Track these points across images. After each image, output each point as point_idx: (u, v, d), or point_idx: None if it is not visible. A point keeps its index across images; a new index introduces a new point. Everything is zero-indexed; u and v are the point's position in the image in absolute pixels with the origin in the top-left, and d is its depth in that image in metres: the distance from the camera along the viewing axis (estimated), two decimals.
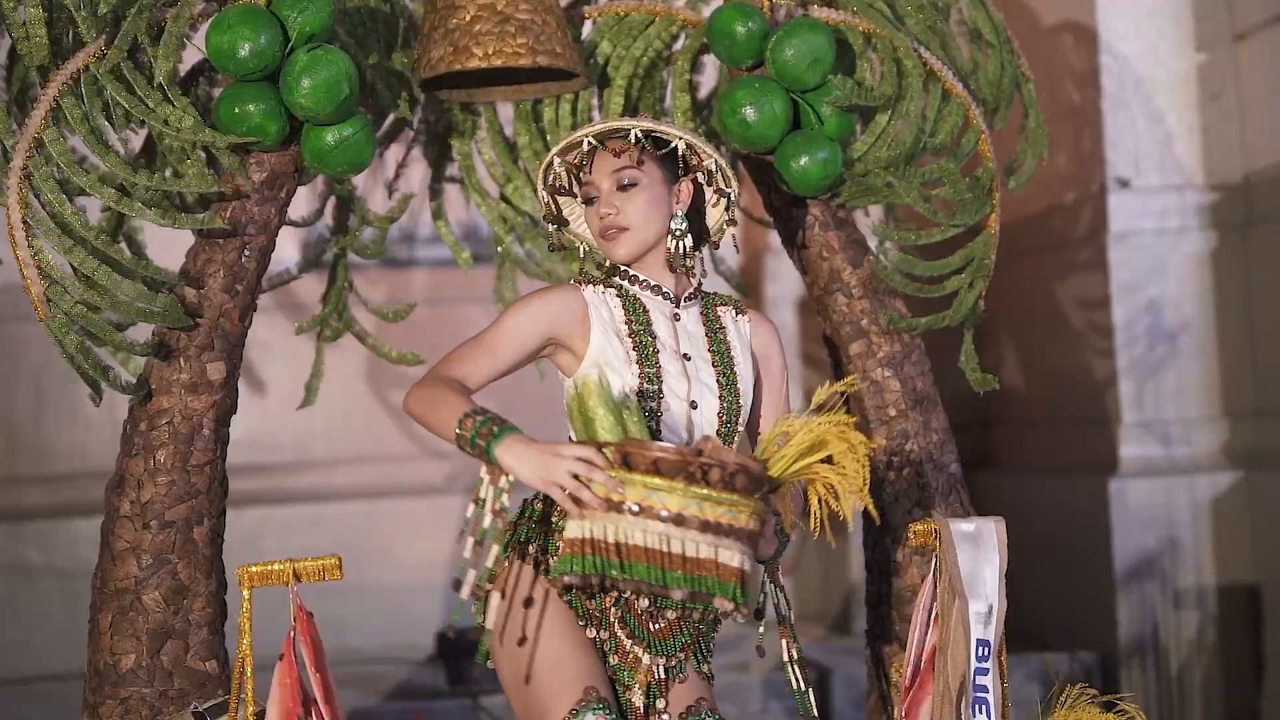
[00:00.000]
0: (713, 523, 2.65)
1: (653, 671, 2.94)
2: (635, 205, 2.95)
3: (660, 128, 2.96)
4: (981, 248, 3.63)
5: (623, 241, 2.96)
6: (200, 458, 3.29)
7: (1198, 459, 5.15)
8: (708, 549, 2.65)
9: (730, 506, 2.66)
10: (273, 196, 3.34)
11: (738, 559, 2.66)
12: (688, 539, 2.64)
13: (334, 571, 2.92)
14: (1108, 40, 5.23)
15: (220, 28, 3.19)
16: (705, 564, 2.64)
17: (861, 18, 3.61)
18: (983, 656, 2.95)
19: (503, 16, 3.52)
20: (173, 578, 3.25)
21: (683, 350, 2.97)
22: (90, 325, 3.12)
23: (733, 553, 2.65)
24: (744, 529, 2.67)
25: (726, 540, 2.65)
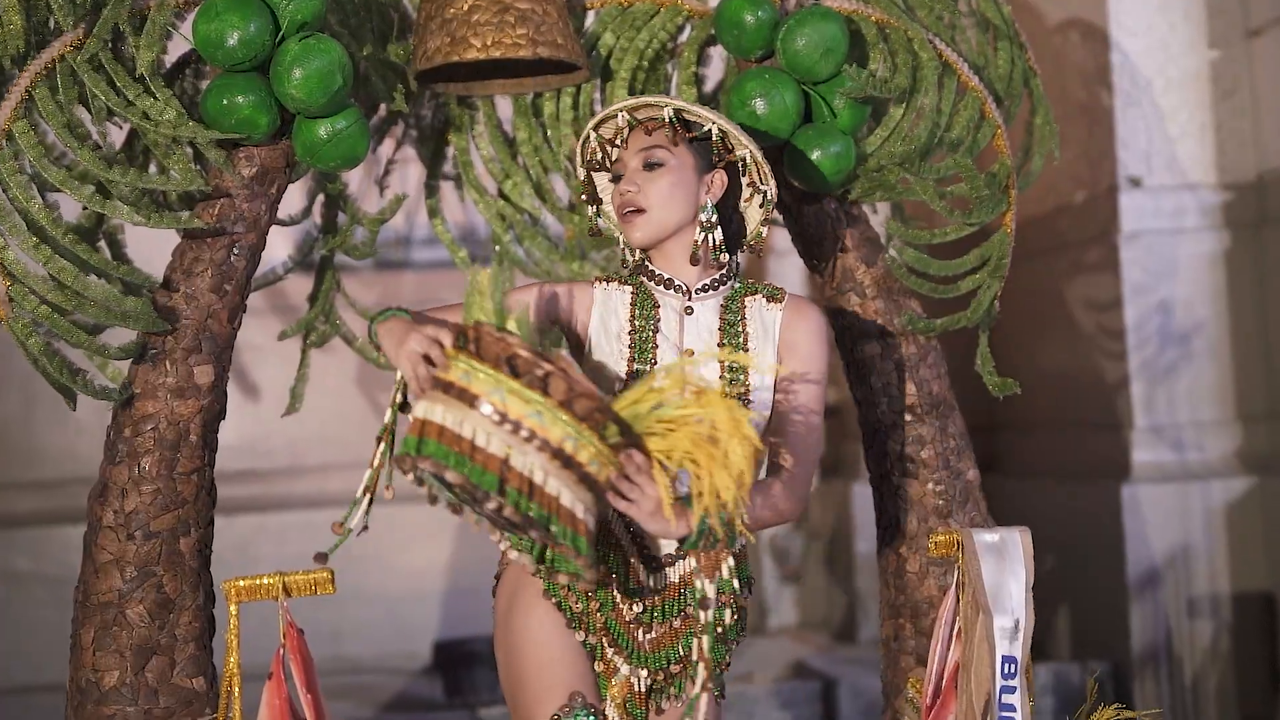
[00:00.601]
0: (554, 446, 2.42)
1: (631, 684, 2.79)
2: (658, 187, 2.80)
3: (694, 109, 2.80)
4: (998, 246, 3.46)
5: (639, 224, 2.81)
6: (187, 465, 3.12)
7: (1211, 464, 5.01)
8: (541, 474, 2.43)
9: (574, 434, 2.43)
10: (263, 192, 3.17)
11: (568, 497, 2.44)
12: (527, 456, 2.43)
13: (326, 586, 2.76)
14: (1118, 36, 5.09)
15: (208, 15, 3.03)
16: (539, 492, 2.42)
17: (874, 7, 3.44)
18: (1009, 674, 2.78)
19: (502, 6, 3.34)
20: (158, 591, 3.08)
21: (686, 346, 2.81)
22: (57, 328, 2.95)
23: (568, 491, 2.44)
24: (584, 468, 2.44)
25: (565, 474, 2.43)
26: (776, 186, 2.88)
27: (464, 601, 5.61)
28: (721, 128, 2.81)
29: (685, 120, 2.83)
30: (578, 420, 2.44)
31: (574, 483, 2.45)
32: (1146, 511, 4.90)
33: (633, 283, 2.89)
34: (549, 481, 2.43)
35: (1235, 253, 5.03)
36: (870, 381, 3.45)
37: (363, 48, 3.44)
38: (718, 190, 2.84)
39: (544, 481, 2.43)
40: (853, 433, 5.95)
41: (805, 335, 2.84)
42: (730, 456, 2.46)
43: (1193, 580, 4.91)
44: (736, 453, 2.46)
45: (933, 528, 3.36)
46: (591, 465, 2.46)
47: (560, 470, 2.44)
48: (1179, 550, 4.90)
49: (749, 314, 2.84)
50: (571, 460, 2.44)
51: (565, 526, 2.44)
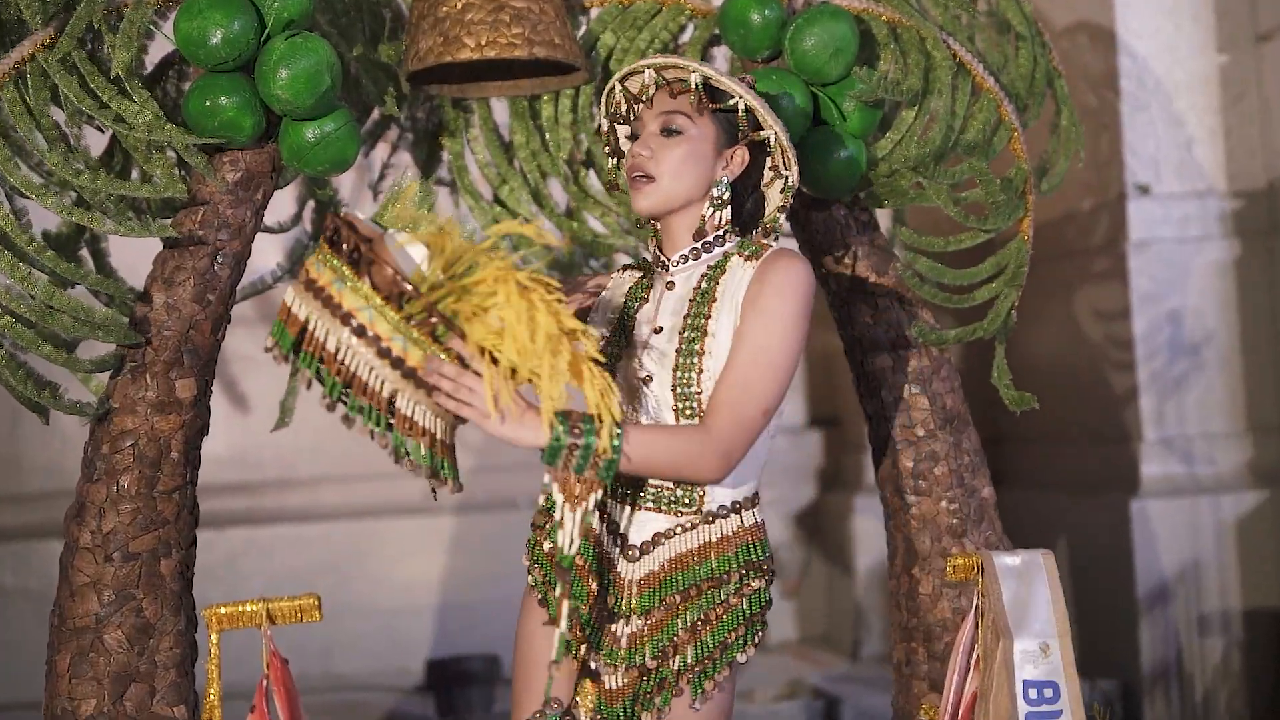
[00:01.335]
0: (385, 346, 2.32)
1: (604, 684, 2.62)
2: (671, 155, 2.63)
3: (723, 79, 2.63)
4: (1015, 254, 3.30)
5: (647, 192, 2.64)
6: (168, 483, 2.95)
7: (1222, 477, 4.85)
8: (377, 380, 2.34)
9: (398, 330, 2.32)
10: (248, 198, 3.00)
11: (409, 404, 2.34)
12: (362, 357, 2.34)
13: (312, 613, 2.59)
14: (1125, 40, 4.93)
15: (190, 13, 2.87)
16: (378, 399, 2.34)
17: (885, 6, 3.27)
18: (1034, 700, 2.61)
19: (497, 4, 3.18)
20: (137, 615, 2.91)
21: (658, 323, 2.64)
22: (22, 340, 2.78)
23: (401, 392, 2.33)
24: (412, 368, 2.33)
25: (394, 375, 2.33)
26: (798, 173, 2.70)
27: (458, 616, 5.45)
28: (749, 104, 2.63)
29: (712, 90, 2.66)
30: (400, 314, 2.33)
31: (413, 389, 2.35)
32: (1156, 526, 4.74)
33: (646, 265, 2.78)
34: (384, 387, 2.35)
35: (1246, 261, 4.88)
36: (881, 395, 3.28)
37: (353, 48, 3.28)
38: (736, 167, 2.68)
39: (380, 387, 2.34)
40: (854, 444, 5.81)
41: (767, 287, 2.55)
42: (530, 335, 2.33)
43: (1203, 596, 4.77)
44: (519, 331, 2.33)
45: (946, 548, 3.20)
46: (416, 356, 2.35)
47: (400, 379, 2.34)
48: (1189, 565, 4.75)
49: (726, 279, 2.63)
50: (402, 363, 2.33)
51: (416, 442, 2.36)
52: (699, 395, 2.56)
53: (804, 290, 2.56)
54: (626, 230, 3.56)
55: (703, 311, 2.60)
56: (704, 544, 2.61)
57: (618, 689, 2.61)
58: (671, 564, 2.60)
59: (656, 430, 2.51)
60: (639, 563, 2.63)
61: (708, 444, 2.49)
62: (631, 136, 2.70)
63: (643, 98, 2.66)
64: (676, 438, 2.50)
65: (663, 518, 2.62)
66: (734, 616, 2.60)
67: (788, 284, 2.55)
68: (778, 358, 2.52)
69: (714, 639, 2.59)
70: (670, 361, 2.59)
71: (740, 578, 2.60)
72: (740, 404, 2.51)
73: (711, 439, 2.50)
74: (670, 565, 2.61)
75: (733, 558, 2.60)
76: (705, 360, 2.57)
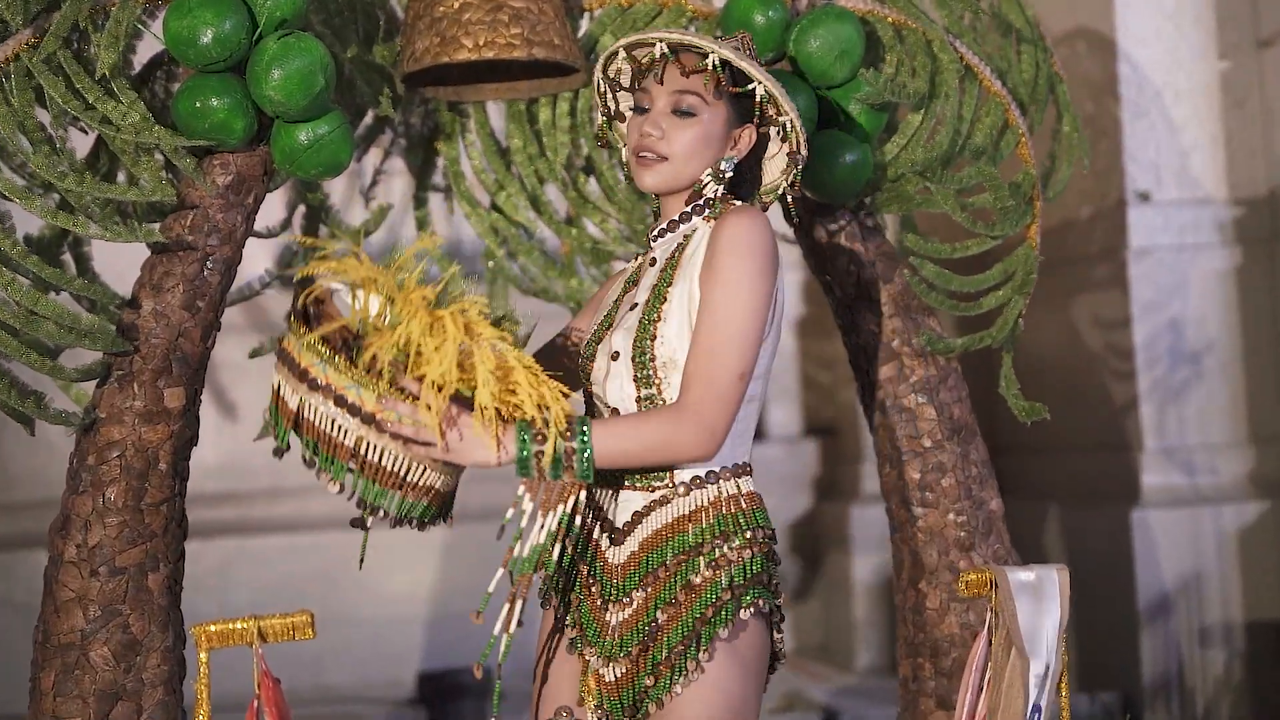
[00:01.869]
0: (339, 395, 2.30)
1: (601, 677, 2.49)
2: (684, 137, 2.52)
3: (744, 64, 2.52)
4: (1022, 261, 3.21)
5: (657, 170, 2.54)
6: (156, 495, 2.85)
7: (1223, 487, 4.77)
8: (340, 431, 2.31)
9: (352, 379, 2.29)
10: (238, 202, 2.90)
11: (343, 430, 2.30)
12: (322, 411, 2.32)
13: (305, 630, 2.49)
14: (1125, 46, 4.85)
15: (179, 12, 2.78)
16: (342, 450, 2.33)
17: (890, 7, 3.18)
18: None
19: (495, 4, 3.08)
20: (124, 631, 2.82)
21: (636, 299, 2.56)
22: (5, 347, 2.68)
23: (341, 422, 2.30)
24: (370, 413, 2.28)
25: (354, 422, 2.29)
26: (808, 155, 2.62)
27: (450, 628, 5.34)
28: (769, 90, 2.54)
29: (730, 69, 2.56)
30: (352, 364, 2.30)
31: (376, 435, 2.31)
32: (1157, 537, 4.67)
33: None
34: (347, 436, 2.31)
35: (1247, 269, 4.80)
36: (887, 405, 3.18)
37: (347, 49, 3.18)
38: (744, 147, 2.58)
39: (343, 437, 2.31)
40: (850, 454, 5.71)
41: (720, 248, 2.44)
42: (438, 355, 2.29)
43: (1205, 608, 4.69)
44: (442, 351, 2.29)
45: (954, 561, 3.11)
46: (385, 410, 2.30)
47: (362, 426, 2.30)
48: (1190, 577, 4.67)
49: (692, 244, 2.54)
50: (359, 409, 2.28)
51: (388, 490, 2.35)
52: (653, 363, 2.48)
53: (760, 245, 2.45)
54: (627, 237, 3.46)
55: (667, 279, 2.53)
56: (678, 517, 2.49)
57: (616, 681, 2.48)
58: (648, 541, 2.50)
59: (626, 419, 2.44)
60: (623, 545, 2.53)
61: (684, 420, 2.39)
62: (637, 108, 2.58)
63: (651, 71, 2.55)
64: (648, 421, 2.41)
65: (639, 495, 2.52)
66: (712, 590, 2.44)
67: (741, 241, 2.44)
68: (742, 320, 2.41)
69: (691, 616, 2.43)
70: (633, 333, 2.51)
71: (714, 549, 2.46)
72: (711, 373, 2.40)
73: (688, 414, 2.39)
74: (647, 543, 2.50)
75: (707, 529, 2.47)
76: (660, 327, 2.48)
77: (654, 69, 2.53)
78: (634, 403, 2.51)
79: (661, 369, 2.48)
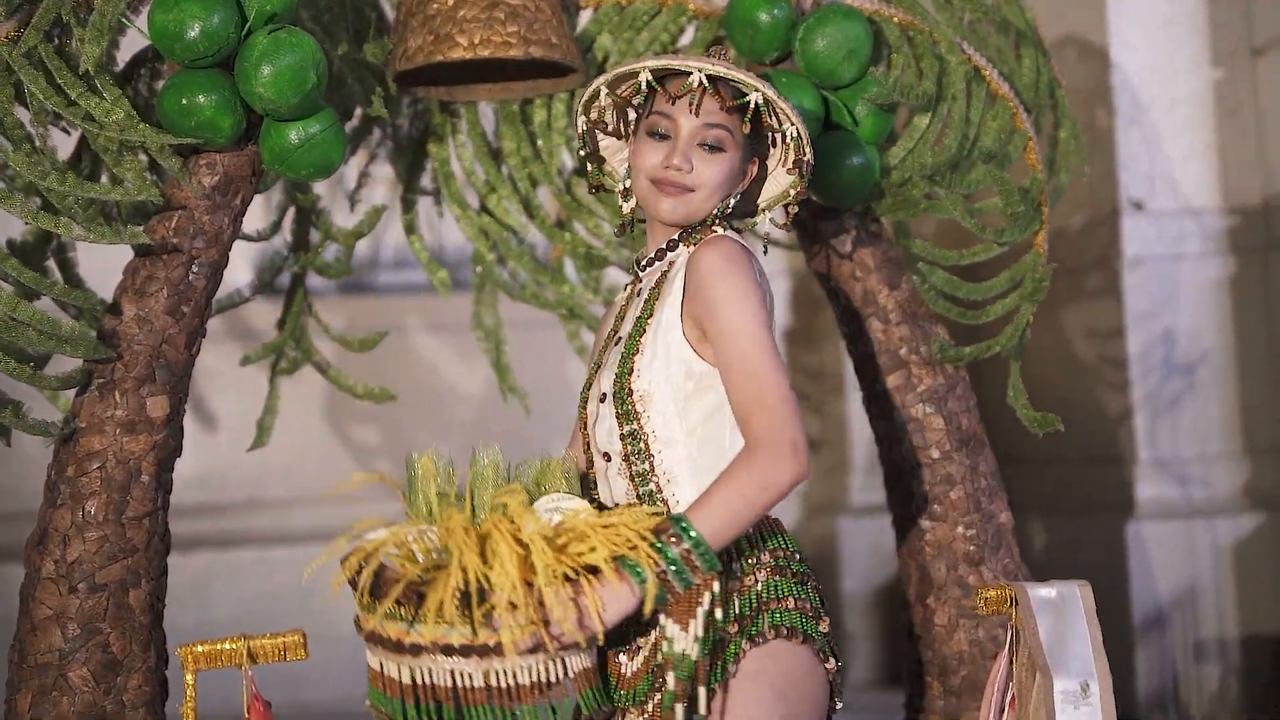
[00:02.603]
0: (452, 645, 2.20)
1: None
2: (713, 171, 2.44)
3: (781, 103, 2.44)
4: (1031, 268, 3.10)
5: (683, 202, 2.45)
6: (138, 509, 2.72)
7: (1218, 500, 4.67)
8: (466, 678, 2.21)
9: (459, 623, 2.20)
10: (225, 204, 2.78)
11: (467, 675, 2.20)
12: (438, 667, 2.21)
13: (297, 650, 2.38)
14: (1118, 54, 4.76)
15: (165, 5, 2.66)
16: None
17: (897, 8, 3.07)
18: None
19: (491, 1, 2.96)
20: (104, 651, 2.69)
21: (620, 333, 2.48)
22: None
23: (461, 669, 2.20)
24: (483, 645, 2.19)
25: (447, 660, 2.20)
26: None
27: None
28: (800, 131, 2.47)
29: (731, 89, 2.47)
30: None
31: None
32: (1151, 549, 4.57)
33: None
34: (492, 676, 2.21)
35: (1241, 279, 4.71)
36: (893, 416, 3.07)
37: (337, 47, 3.05)
38: (748, 181, 2.53)
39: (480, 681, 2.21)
40: (839, 466, 5.60)
41: (704, 279, 2.37)
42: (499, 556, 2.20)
43: (1200, 622, 4.59)
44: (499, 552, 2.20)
45: (963, 576, 2.99)
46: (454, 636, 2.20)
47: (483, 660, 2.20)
48: (1185, 591, 4.58)
49: (673, 272, 2.46)
50: (471, 647, 2.19)
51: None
52: (631, 397, 2.40)
53: (738, 263, 2.38)
54: (621, 243, 3.33)
55: (648, 311, 2.45)
56: None
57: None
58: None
59: (708, 490, 2.29)
60: (637, 655, 2.43)
61: (760, 454, 2.27)
62: (656, 134, 2.45)
63: (679, 98, 2.44)
64: (729, 477, 2.28)
65: None
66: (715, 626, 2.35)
67: (719, 265, 2.37)
68: (759, 335, 2.32)
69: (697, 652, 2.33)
70: (615, 370, 2.43)
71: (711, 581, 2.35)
72: (761, 398, 2.29)
73: (761, 447, 2.27)
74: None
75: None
76: (637, 360, 2.41)
77: (687, 97, 2.43)
78: (618, 441, 2.42)
79: (639, 402, 2.40)
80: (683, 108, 2.43)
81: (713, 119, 2.43)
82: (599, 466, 2.47)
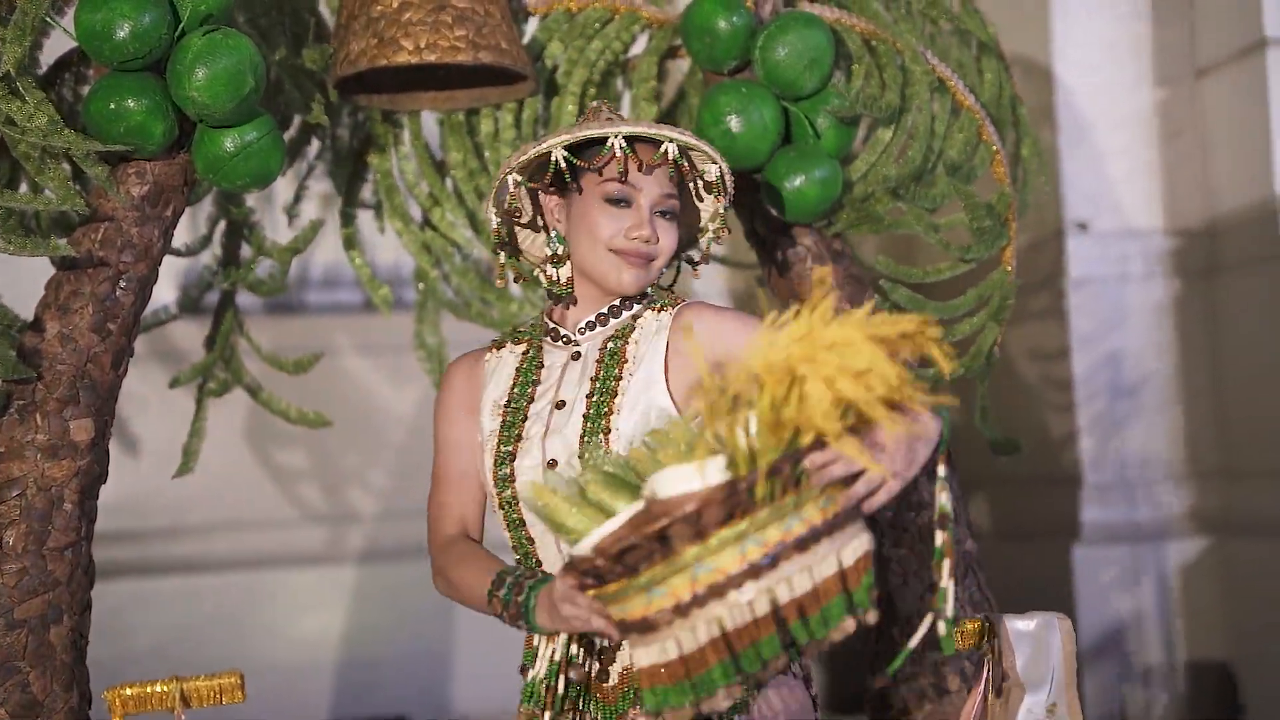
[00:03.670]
0: (773, 547, 1.88)
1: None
2: (670, 239, 2.39)
3: (706, 148, 2.37)
4: (998, 286, 2.99)
5: (646, 272, 2.39)
6: (60, 539, 2.53)
7: (1164, 524, 4.59)
8: (804, 580, 1.89)
9: (790, 512, 1.90)
10: (155, 215, 2.60)
11: (831, 563, 1.90)
12: (774, 584, 1.88)
13: (234, 693, 2.22)
14: (1062, 74, 4.69)
15: (94, 4, 2.49)
16: (807, 599, 1.88)
17: (858, 17, 2.95)
18: None
19: (438, 4, 2.81)
20: (23, 691, 2.51)
21: (559, 398, 2.34)
22: None
23: (823, 557, 1.90)
24: (814, 526, 1.90)
25: (793, 560, 1.88)
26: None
27: (362, 674, 5.01)
28: (723, 168, 2.40)
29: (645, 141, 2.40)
30: (746, 513, 1.88)
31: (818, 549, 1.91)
32: (1097, 574, 4.49)
33: (529, 337, 2.47)
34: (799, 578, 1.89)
35: (1186, 301, 4.64)
36: None
37: (274, 52, 2.89)
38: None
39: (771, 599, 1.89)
40: None
41: (715, 326, 2.31)
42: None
43: (1146, 647, 4.52)
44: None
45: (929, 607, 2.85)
46: (812, 515, 1.91)
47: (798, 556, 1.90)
48: (1132, 615, 4.50)
49: (637, 334, 2.38)
50: (801, 538, 1.90)
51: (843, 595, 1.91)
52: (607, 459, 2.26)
53: (720, 308, 2.42)
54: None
55: (612, 374, 2.34)
56: None
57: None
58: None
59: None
60: (614, 665, 2.32)
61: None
62: (617, 200, 2.35)
63: (654, 166, 2.35)
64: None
65: None
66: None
67: (711, 313, 2.37)
68: None
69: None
70: (575, 436, 2.30)
71: None
72: None
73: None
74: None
75: None
76: (613, 420, 2.29)
77: (657, 167, 2.34)
78: None
79: None
80: (648, 176, 2.35)
81: (668, 188, 2.37)
82: (541, 540, 2.33)
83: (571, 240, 2.38)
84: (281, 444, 5.15)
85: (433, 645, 4.98)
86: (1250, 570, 4.38)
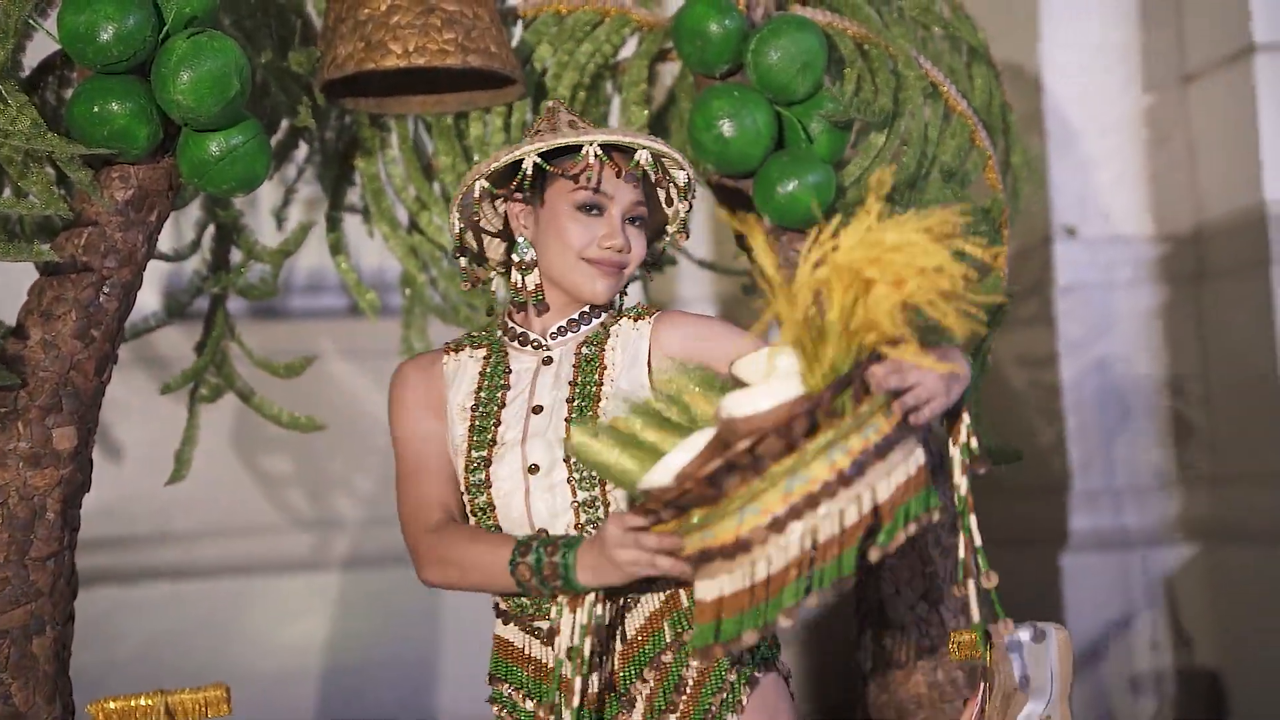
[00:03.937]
0: (858, 455, 1.90)
1: None
2: (640, 247, 2.41)
3: (673, 153, 2.38)
4: (992, 291, 2.95)
5: (618, 280, 2.39)
6: (43, 549, 2.49)
7: (1152, 530, 4.57)
8: (886, 486, 1.93)
9: (851, 429, 1.92)
10: (140, 220, 2.55)
11: (906, 468, 1.95)
12: (861, 491, 1.91)
13: (220, 706, 2.17)
14: (1050, 80, 4.67)
15: (77, 6, 2.43)
16: (884, 506, 1.92)
17: (851, 21, 2.91)
18: None
19: (426, 7, 2.77)
20: (5, 703, 2.46)
21: (535, 403, 2.32)
22: None
23: (896, 466, 1.94)
24: (871, 446, 1.93)
25: (875, 468, 1.92)
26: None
27: (348, 680, 4.97)
28: (689, 174, 2.42)
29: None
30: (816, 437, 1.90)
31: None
32: (1085, 582, 4.47)
33: (488, 341, 2.44)
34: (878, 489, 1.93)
35: (1174, 307, 4.62)
36: None
37: (260, 55, 2.84)
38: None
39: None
40: None
41: (695, 330, 2.38)
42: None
43: (1135, 654, 4.50)
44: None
45: (922, 615, 2.82)
46: (882, 424, 1.93)
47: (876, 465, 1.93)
48: (1120, 622, 4.47)
49: (613, 341, 2.38)
50: (879, 445, 1.92)
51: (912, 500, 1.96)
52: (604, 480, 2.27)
53: (696, 314, 2.47)
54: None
55: (592, 379, 2.33)
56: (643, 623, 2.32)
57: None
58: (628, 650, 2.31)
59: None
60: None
61: None
62: (585, 207, 2.34)
63: (628, 177, 2.36)
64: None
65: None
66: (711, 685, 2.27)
67: (688, 318, 2.42)
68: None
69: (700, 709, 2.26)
70: (559, 439, 2.29)
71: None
72: None
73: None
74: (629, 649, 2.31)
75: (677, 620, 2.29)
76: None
77: (631, 174, 2.36)
78: (571, 510, 2.27)
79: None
80: (620, 183, 2.34)
81: (636, 195, 2.37)
82: None
83: (539, 247, 2.38)
84: (266, 450, 5.10)
85: (419, 650, 4.93)
86: (1239, 577, 4.37)
